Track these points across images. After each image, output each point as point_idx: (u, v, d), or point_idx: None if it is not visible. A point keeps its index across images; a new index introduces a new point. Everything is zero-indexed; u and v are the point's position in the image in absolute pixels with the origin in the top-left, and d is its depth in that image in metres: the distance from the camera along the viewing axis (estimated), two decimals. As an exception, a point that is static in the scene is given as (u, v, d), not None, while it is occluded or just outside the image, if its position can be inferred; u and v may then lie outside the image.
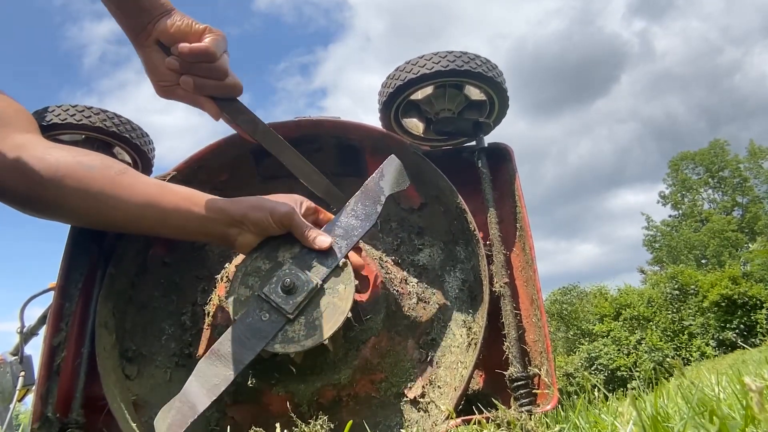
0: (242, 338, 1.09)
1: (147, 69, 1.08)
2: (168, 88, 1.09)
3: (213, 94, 1.09)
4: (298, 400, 1.18)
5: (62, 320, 1.20)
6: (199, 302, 1.36)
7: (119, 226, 1.12)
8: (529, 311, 1.22)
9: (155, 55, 1.06)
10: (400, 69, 1.28)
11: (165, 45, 1.06)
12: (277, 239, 1.18)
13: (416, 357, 1.27)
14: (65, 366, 1.18)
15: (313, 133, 1.42)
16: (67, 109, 1.28)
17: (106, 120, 1.30)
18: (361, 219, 1.20)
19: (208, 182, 1.43)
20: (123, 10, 1.02)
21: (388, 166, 1.25)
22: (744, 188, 33.41)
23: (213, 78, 1.07)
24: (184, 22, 1.03)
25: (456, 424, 1.04)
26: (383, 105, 1.33)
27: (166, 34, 1.03)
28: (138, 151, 1.38)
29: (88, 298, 1.26)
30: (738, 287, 19.64)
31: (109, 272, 1.24)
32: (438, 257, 1.38)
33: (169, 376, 1.29)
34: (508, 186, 1.32)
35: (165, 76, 1.07)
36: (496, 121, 1.40)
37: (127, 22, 1.04)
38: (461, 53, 1.26)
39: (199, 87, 1.07)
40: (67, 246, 1.26)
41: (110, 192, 1.06)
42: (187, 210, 1.10)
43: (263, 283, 1.14)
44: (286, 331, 1.11)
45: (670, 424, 0.76)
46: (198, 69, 1.05)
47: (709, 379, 0.99)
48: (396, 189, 1.24)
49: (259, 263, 1.17)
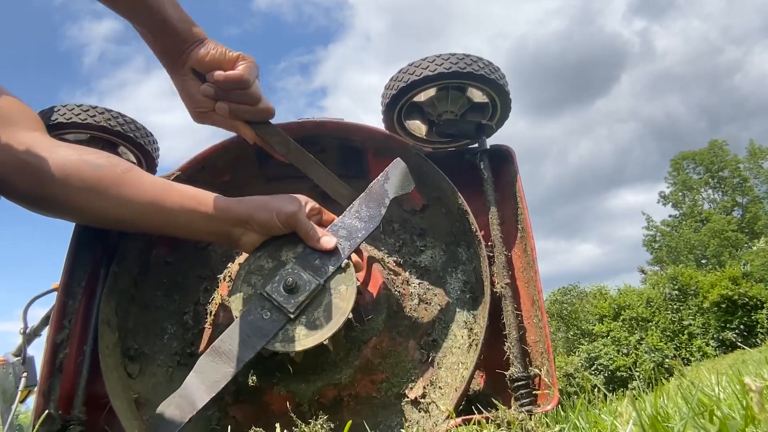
0: (243, 336, 1.09)
1: (182, 96, 1.13)
2: (204, 114, 1.14)
3: (247, 119, 1.15)
4: (299, 399, 1.18)
5: (65, 318, 1.21)
6: (201, 301, 1.37)
7: (125, 224, 1.13)
8: (530, 312, 1.22)
9: (190, 83, 1.11)
10: (402, 71, 1.29)
11: (200, 73, 1.10)
12: (281, 238, 1.18)
13: (417, 358, 1.27)
14: (68, 364, 1.19)
15: (315, 134, 1.42)
16: (72, 108, 1.29)
17: (110, 119, 1.31)
18: (365, 221, 1.21)
19: (211, 182, 1.44)
20: (160, 39, 1.07)
21: (394, 169, 1.26)
22: (744, 188, 33.31)
23: (247, 103, 1.12)
24: (218, 51, 1.08)
25: (456, 424, 1.04)
26: (386, 107, 1.34)
27: (202, 62, 1.07)
28: (142, 150, 1.39)
29: (91, 297, 1.26)
30: (738, 287, 19.57)
31: (112, 270, 1.24)
32: (440, 258, 1.38)
33: (170, 375, 1.30)
34: (509, 187, 1.33)
35: (200, 102, 1.11)
36: (499, 124, 1.40)
37: (163, 52, 1.09)
38: (464, 55, 1.27)
39: (234, 112, 1.12)
40: (71, 244, 1.27)
41: (116, 190, 1.07)
42: (192, 209, 1.11)
43: (266, 281, 1.15)
44: (287, 330, 1.11)
45: (670, 424, 0.76)
46: (233, 95, 1.10)
47: (709, 379, 1.00)
48: (400, 192, 1.25)
49: (263, 262, 1.18)
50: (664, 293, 21.49)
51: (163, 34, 1.05)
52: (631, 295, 22.23)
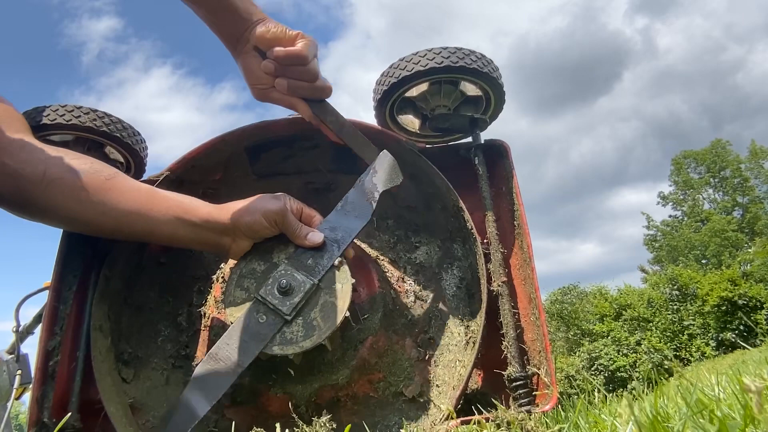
0: (240, 342, 1.08)
1: (245, 74, 1.16)
2: (264, 91, 1.16)
3: (305, 95, 1.16)
4: (297, 401, 1.18)
5: (56, 324, 1.19)
6: (195, 303, 1.35)
7: (108, 232, 1.11)
8: (528, 310, 1.22)
9: (253, 61, 1.13)
10: (394, 66, 1.27)
11: (261, 50, 1.12)
12: (270, 240, 1.17)
13: (414, 356, 1.26)
14: (60, 370, 1.17)
15: (308, 130, 1.40)
16: (56, 109, 1.26)
17: (96, 120, 1.28)
18: (356, 217, 1.19)
19: (201, 181, 1.42)
20: (222, 20, 1.10)
21: (381, 162, 1.24)
22: (744, 188, 33.53)
23: (305, 80, 1.13)
24: (279, 29, 1.10)
25: (456, 425, 1.04)
26: (377, 102, 1.32)
27: (263, 39, 1.10)
28: (130, 150, 1.36)
29: (83, 301, 1.24)
30: (737, 288, 19.77)
31: (103, 274, 1.22)
32: (435, 255, 1.37)
33: (165, 378, 1.28)
34: (505, 183, 1.32)
35: (261, 79, 1.14)
36: (493, 117, 1.39)
37: (225, 32, 1.12)
38: (456, 49, 1.24)
39: (293, 88, 1.14)
40: (60, 248, 1.25)
41: (99, 197, 1.05)
42: (177, 218, 1.10)
43: (259, 284, 1.13)
44: (284, 332, 1.10)
45: (669, 425, 0.76)
46: (292, 72, 1.12)
47: (709, 379, 1.00)
48: (390, 185, 1.23)
49: (254, 265, 1.16)
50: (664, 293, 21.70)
51: (225, 15, 1.09)
52: (631, 295, 22.45)
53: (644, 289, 23.47)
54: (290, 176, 1.47)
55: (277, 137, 1.40)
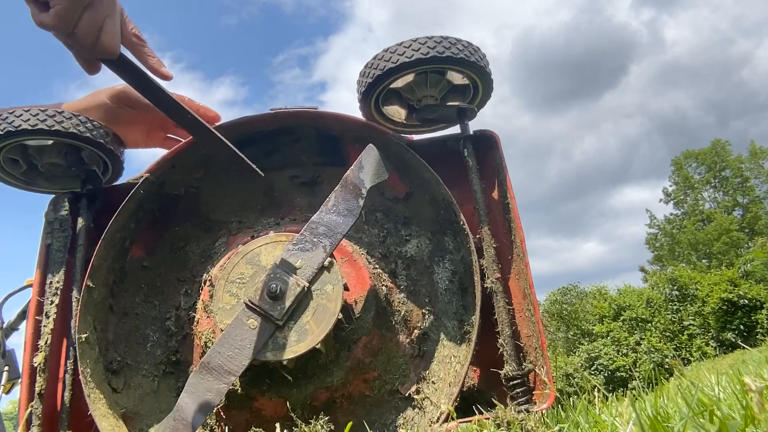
0: (232, 350, 1.06)
1: None
2: None
3: None
4: (292, 404, 1.16)
5: (40, 338, 1.15)
6: (182, 306, 1.32)
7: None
8: (522, 305, 1.20)
9: None
10: (378, 57, 1.22)
11: None
12: (258, 242, 1.14)
13: (409, 352, 1.25)
14: (48, 386, 1.14)
15: (290, 124, 1.36)
16: (36, 113, 1.19)
17: (79, 125, 1.22)
18: (344, 215, 1.16)
19: (183, 181, 1.37)
20: None
21: (367, 157, 1.21)
22: (745, 188, 33.80)
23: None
24: None
25: (456, 425, 1.03)
26: (362, 95, 1.28)
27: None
28: (111, 156, 1.31)
29: (67, 314, 1.21)
30: (737, 289, 20.02)
31: (86, 285, 1.18)
32: (426, 247, 1.35)
33: (156, 385, 1.26)
34: (495, 174, 1.29)
35: None
36: (480, 105, 1.35)
37: None
38: (441, 38, 1.20)
39: None
40: (39, 261, 1.21)
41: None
42: None
43: (248, 289, 1.11)
44: (276, 338, 1.08)
45: (670, 424, 0.76)
46: None
47: (709, 379, 1.00)
48: (376, 180, 1.20)
49: (242, 269, 1.14)
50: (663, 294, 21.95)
51: None
52: (631, 296, 22.68)
53: (644, 290, 23.74)
54: (275, 171, 1.43)
55: (259, 132, 1.36)
